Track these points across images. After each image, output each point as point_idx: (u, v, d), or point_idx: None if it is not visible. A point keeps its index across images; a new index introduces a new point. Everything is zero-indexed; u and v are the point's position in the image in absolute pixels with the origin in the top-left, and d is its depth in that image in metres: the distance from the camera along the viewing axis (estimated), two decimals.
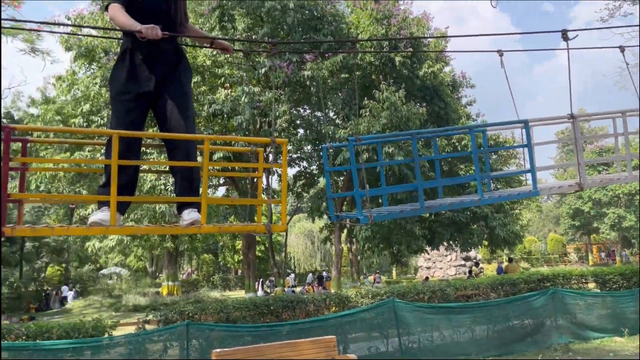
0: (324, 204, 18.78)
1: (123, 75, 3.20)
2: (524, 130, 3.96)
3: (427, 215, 18.34)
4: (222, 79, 18.11)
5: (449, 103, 19.25)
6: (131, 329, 9.72)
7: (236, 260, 41.70)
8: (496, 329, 10.27)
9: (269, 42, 3.32)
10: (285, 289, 29.11)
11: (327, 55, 16.60)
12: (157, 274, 42.63)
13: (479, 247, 25.32)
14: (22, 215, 2.70)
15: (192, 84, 3.42)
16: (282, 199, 2.85)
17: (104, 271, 41.16)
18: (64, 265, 37.43)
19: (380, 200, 11.38)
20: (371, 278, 34.40)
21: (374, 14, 17.64)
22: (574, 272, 12.23)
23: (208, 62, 18.12)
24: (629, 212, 39.50)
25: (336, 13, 18.05)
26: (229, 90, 17.22)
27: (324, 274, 34.66)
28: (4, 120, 28.28)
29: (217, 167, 14.84)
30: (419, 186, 3.38)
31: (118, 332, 8.64)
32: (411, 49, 17.62)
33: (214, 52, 17.45)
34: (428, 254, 31.02)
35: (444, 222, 19.66)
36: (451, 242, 21.60)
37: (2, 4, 20.17)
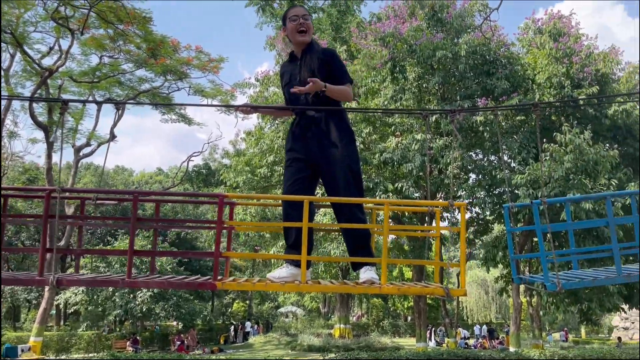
0: (500, 253, 17.78)
1: (287, 146, 3.65)
2: None
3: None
4: (393, 127, 18.54)
5: None
6: None
7: (406, 306, 41.09)
8: None
9: (448, 111, 3.38)
10: (458, 341, 27.76)
11: (501, 99, 16.07)
12: (329, 315, 43.88)
13: None
14: (228, 270, 3.12)
15: (353, 143, 3.59)
16: (461, 263, 2.85)
17: (282, 309, 43.73)
18: (247, 302, 40.61)
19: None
20: (556, 335, 31.17)
21: (553, 53, 16.67)
22: None
23: (379, 112, 18.77)
24: None
25: (510, 55, 17.47)
26: (400, 138, 17.54)
27: (506, 328, 32.27)
28: (202, 171, 32.36)
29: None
30: (615, 249, 3.09)
31: None
32: (597, 87, 16.19)
33: (385, 102, 18.07)
34: (625, 312, 27.19)
35: None
36: None
37: (203, 70, 23.34)
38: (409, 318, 45.72)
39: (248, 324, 35.50)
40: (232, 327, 33.39)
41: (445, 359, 8.93)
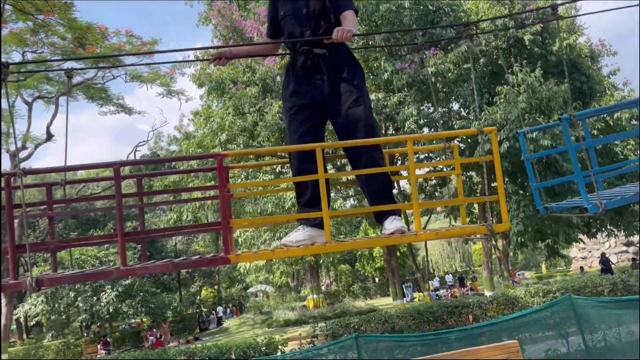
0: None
1: (287, 91, 3.19)
2: None
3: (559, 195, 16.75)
4: None
5: (591, 76, 17.51)
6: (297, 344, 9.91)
7: (373, 268, 41.64)
8: None
9: (461, 25, 3.04)
10: (429, 294, 28.33)
11: (450, 47, 15.96)
12: (299, 288, 43.99)
13: None
14: (232, 242, 2.70)
15: (364, 80, 3.23)
16: (500, 196, 2.54)
17: (251, 289, 43.39)
18: (216, 287, 40.02)
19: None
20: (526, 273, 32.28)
21: None
22: None
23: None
24: None
25: (453, 3, 17.33)
26: None
27: (473, 275, 33.22)
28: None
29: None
30: None
31: (288, 348, 8.83)
32: (540, 25, 16.32)
33: None
34: (584, 243, 28.42)
35: None
36: (612, 228, 19.55)
37: (137, 55, 22.13)
38: (377, 279, 46.47)
39: (220, 308, 35.00)
40: (198, 315, 32.72)
41: (435, 310, 8.87)
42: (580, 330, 8.68)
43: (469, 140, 17.05)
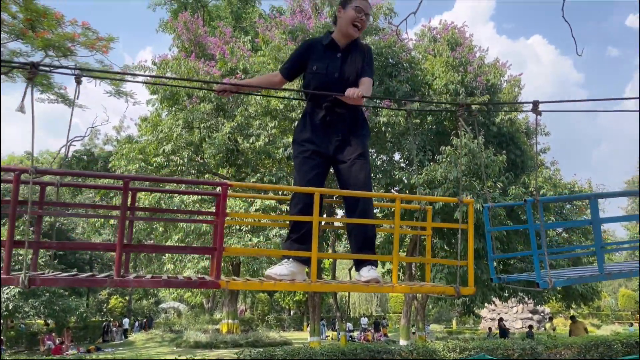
0: (389, 246, 18.54)
1: (302, 135, 3.40)
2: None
3: (499, 265, 17.77)
4: (296, 122, 18.47)
5: (525, 151, 18.86)
6: None
7: (293, 300, 41.51)
8: None
9: (456, 105, 3.37)
10: (345, 334, 28.56)
11: (403, 102, 16.71)
12: (213, 310, 42.97)
13: (551, 300, 24.16)
14: (220, 268, 2.79)
15: (368, 141, 3.57)
16: (469, 262, 2.82)
17: (163, 305, 41.93)
18: (126, 297, 38.37)
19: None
20: (434, 327, 33.26)
21: (450, 61, 17.71)
22: None
23: (281, 106, 18.55)
24: None
25: (412, 59, 18.25)
26: None
27: (384, 321, 33.82)
28: (83, 157, 29.86)
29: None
30: (598, 248, 3.27)
31: None
32: (487, 95, 17.50)
33: (290, 95, 17.93)
34: (495, 305, 29.86)
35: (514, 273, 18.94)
36: (523, 295, 20.74)
37: (91, 48, 21.47)
38: (292, 312, 46.28)
39: (126, 320, 33.50)
40: (105, 324, 31.14)
41: (359, 353, 9.06)
42: None
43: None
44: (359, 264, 3.11)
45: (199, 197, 16.81)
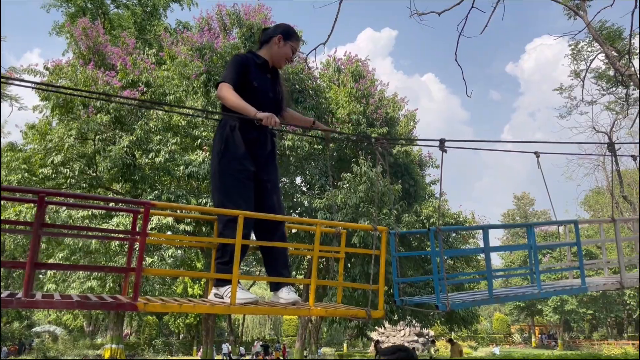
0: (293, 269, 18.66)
1: (238, 151, 3.30)
2: (561, 228, 4.36)
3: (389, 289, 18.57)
4: (199, 140, 18.14)
5: (418, 181, 20.01)
6: None
7: (184, 322, 39.98)
8: None
9: (377, 139, 3.59)
10: (238, 358, 28.04)
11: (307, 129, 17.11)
12: (95, 334, 40.22)
13: (436, 323, 25.55)
14: (138, 289, 2.70)
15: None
16: (380, 286, 2.99)
17: (37, 329, 38.45)
18: None
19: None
20: (326, 349, 33.69)
21: (353, 92, 18.47)
22: (542, 357, 12.58)
23: (183, 122, 18.15)
24: (570, 296, 41.07)
25: (317, 87, 18.79)
26: (206, 152, 17.26)
27: (277, 345, 33.69)
28: None
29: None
30: (489, 274, 3.60)
31: None
32: (386, 127, 18.44)
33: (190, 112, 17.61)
34: (385, 328, 30.92)
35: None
36: (411, 318, 21.74)
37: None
38: (182, 335, 44.52)
39: None
40: None
41: None
42: None
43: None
44: (277, 285, 3.17)
45: (89, 212, 15.92)
